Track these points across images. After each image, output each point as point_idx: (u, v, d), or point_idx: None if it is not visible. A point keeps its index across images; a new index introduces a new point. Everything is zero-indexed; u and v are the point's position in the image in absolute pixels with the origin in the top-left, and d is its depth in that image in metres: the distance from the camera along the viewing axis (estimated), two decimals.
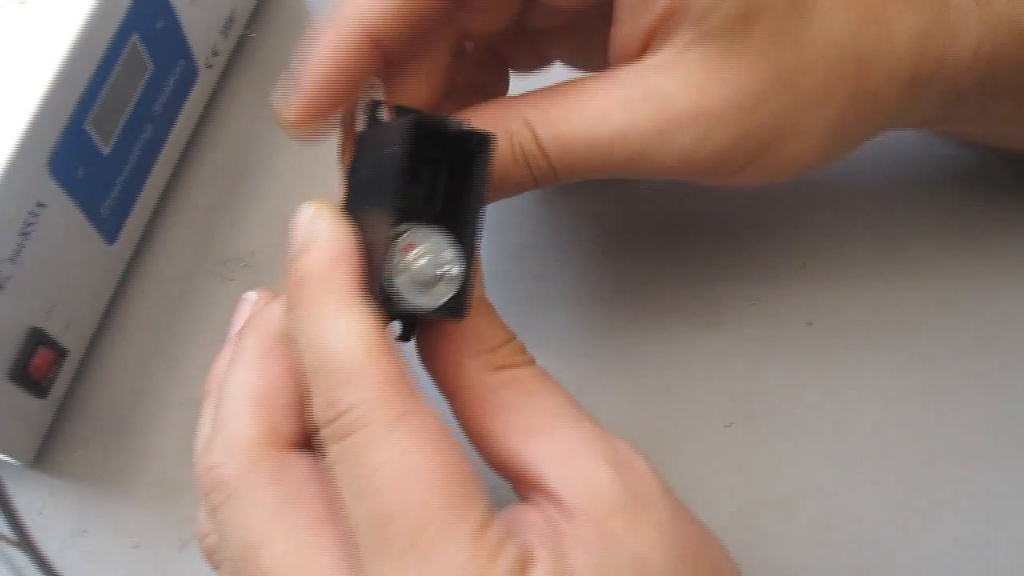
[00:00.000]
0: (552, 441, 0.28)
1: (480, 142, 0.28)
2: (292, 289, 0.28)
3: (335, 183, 0.44)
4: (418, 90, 0.35)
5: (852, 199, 0.43)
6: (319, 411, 0.27)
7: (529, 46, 0.38)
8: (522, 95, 0.34)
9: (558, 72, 0.38)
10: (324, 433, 0.27)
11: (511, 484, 0.29)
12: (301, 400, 0.29)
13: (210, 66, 0.44)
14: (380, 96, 0.31)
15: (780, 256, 0.42)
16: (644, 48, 0.33)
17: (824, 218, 0.42)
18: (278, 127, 0.32)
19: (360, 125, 0.31)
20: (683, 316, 0.41)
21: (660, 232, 0.43)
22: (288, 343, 0.29)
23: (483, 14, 0.34)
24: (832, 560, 0.38)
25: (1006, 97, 0.36)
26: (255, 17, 0.47)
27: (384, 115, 0.31)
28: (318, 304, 0.27)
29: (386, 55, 0.32)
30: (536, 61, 0.39)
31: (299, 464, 0.28)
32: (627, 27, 0.33)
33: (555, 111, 0.33)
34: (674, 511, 0.28)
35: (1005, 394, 0.40)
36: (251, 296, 0.34)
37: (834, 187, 0.42)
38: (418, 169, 0.29)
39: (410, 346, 0.31)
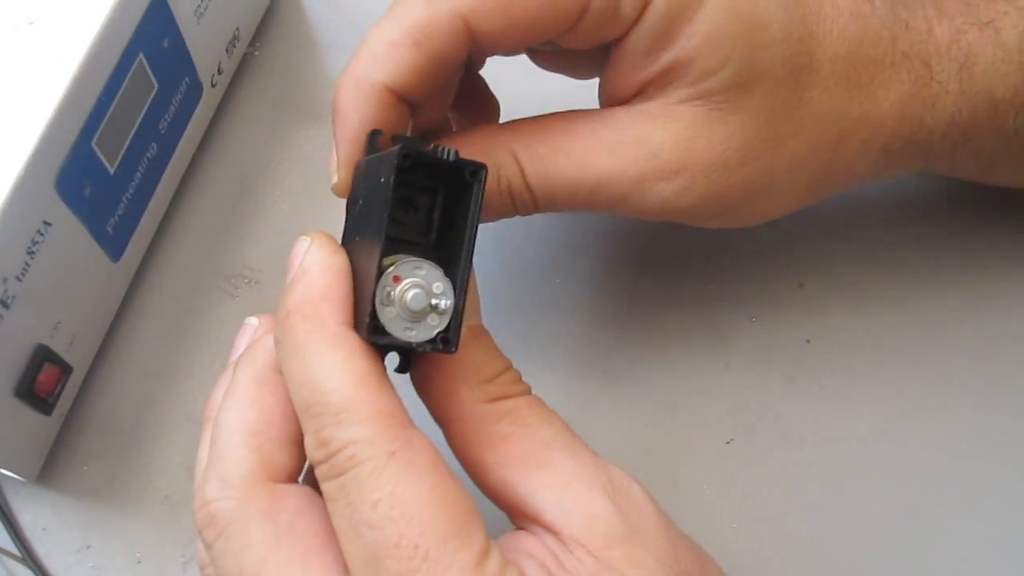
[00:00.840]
0: (549, 472, 0.28)
1: (473, 172, 0.28)
2: (279, 324, 0.28)
3: (339, 201, 0.44)
4: (430, 119, 0.35)
5: (850, 219, 0.43)
6: (312, 449, 0.27)
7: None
8: (511, 124, 0.34)
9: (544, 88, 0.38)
10: (319, 471, 0.27)
11: (507, 514, 0.29)
12: (296, 432, 0.29)
13: (214, 84, 0.44)
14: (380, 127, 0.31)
15: (779, 275, 0.42)
16: (636, 93, 0.34)
17: (822, 238, 0.43)
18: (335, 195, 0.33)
19: (344, 176, 0.31)
20: (683, 333, 0.42)
21: (660, 250, 0.43)
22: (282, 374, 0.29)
23: (495, 50, 0.34)
24: (831, 575, 0.38)
25: (977, 158, 0.37)
26: (259, 35, 0.47)
27: (382, 144, 0.31)
28: (304, 341, 0.27)
29: (409, 102, 0.32)
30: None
31: (294, 496, 0.28)
32: (624, 74, 0.34)
33: (543, 149, 0.33)
34: (671, 538, 0.28)
35: (1002, 410, 0.40)
36: (252, 322, 0.33)
37: (833, 207, 0.43)
38: (413, 198, 0.29)
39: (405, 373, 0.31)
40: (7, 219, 0.32)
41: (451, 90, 0.35)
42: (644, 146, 0.33)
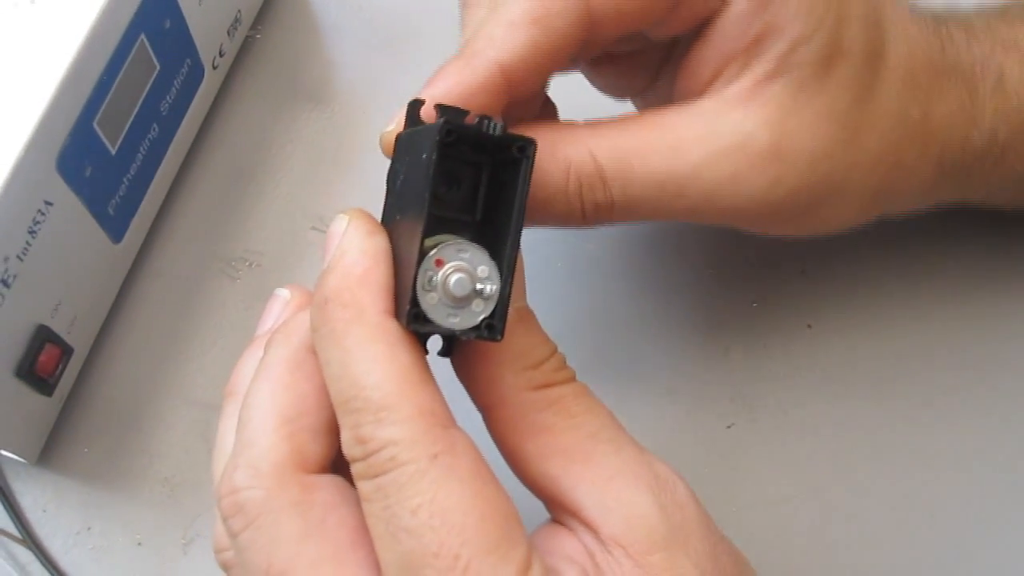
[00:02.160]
0: (592, 467, 0.27)
1: (521, 147, 0.26)
2: (317, 309, 0.27)
3: (340, 184, 0.44)
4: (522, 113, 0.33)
5: None
6: (348, 445, 0.25)
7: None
8: (581, 123, 0.32)
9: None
10: (355, 468, 0.25)
11: (545, 504, 0.28)
12: (331, 419, 0.27)
13: (216, 66, 0.44)
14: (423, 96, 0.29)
15: (781, 260, 0.42)
16: (714, 78, 0.32)
17: None
18: (383, 153, 0.30)
19: (401, 126, 0.29)
20: (685, 318, 0.42)
21: (662, 235, 0.43)
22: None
23: (609, 34, 0.32)
24: (831, 560, 0.38)
25: (1012, 179, 0.37)
26: (261, 18, 0.47)
27: (423, 115, 0.29)
28: (343, 331, 0.26)
29: (511, 93, 0.31)
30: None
31: (327, 489, 0.27)
32: (709, 53, 0.32)
33: (626, 143, 0.31)
34: (712, 543, 0.27)
35: (1005, 395, 0.40)
36: (283, 294, 0.32)
37: None
38: (456, 172, 0.27)
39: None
40: (8, 198, 0.32)
41: (545, 87, 0.34)
42: (737, 133, 0.31)
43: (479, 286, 0.26)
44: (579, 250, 0.43)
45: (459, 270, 0.26)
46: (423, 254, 0.25)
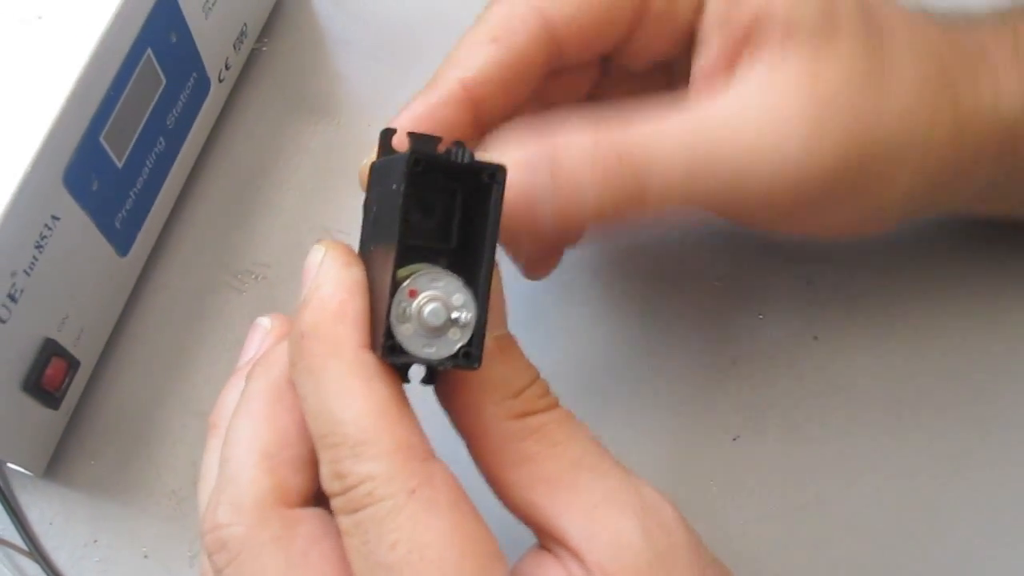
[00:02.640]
0: (576, 494, 0.27)
1: (491, 174, 0.26)
2: (295, 343, 0.27)
3: (347, 196, 0.44)
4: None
5: None
6: (327, 480, 0.26)
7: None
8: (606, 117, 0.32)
9: None
10: (334, 503, 0.26)
11: (532, 531, 0.28)
12: (313, 451, 0.27)
13: (222, 79, 0.44)
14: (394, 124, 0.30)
15: (787, 272, 0.42)
16: (727, 78, 0.32)
17: None
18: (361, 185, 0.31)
19: (375, 155, 0.29)
20: (691, 330, 0.42)
21: (667, 247, 0.43)
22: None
23: (572, 52, 0.33)
24: (838, 573, 0.38)
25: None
26: (266, 30, 0.47)
27: (395, 144, 0.29)
28: (320, 366, 0.26)
29: (477, 117, 0.31)
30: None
31: (309, 523, 0.27)
32: (713, 48, 0.32)
33: (648, 129, 0.31)
34: (701, 567, 0.27)
35: (1013, 408, 0.40)
36: (264, 323, 0.32)
37: None
38: (429, 200, 0.27)
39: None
40: (16, 213, 0.32)
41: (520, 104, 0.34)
42: (763, 106, 0.31)
43: (455, 315, 0.26)
44: (583, 263, 0.43)
45: (433, 299, 0.25)
46: (396, 285, 0.25)
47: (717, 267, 0.42)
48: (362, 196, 0.44)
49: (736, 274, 0.42)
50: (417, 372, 0.28)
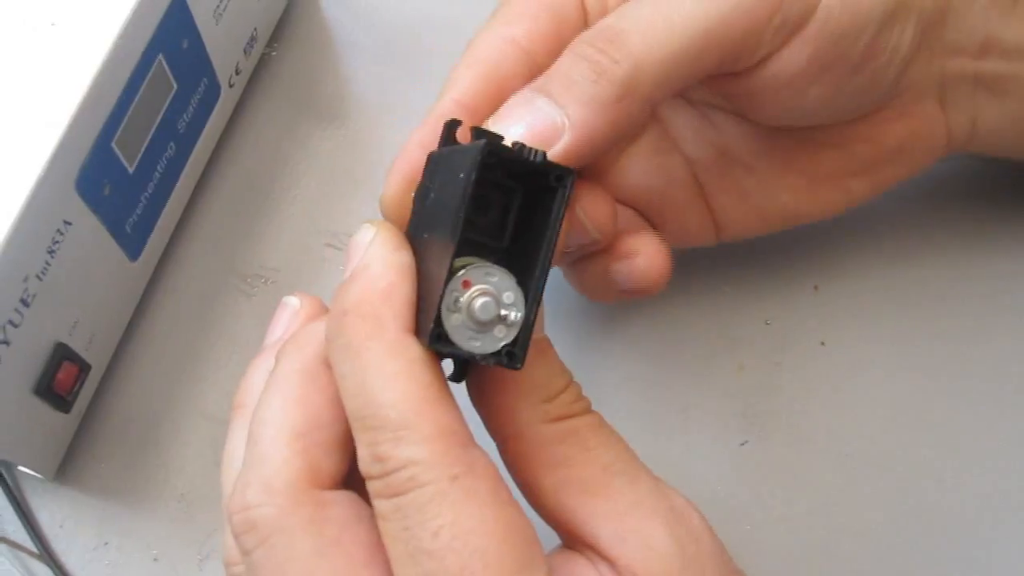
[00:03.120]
0: (608, 500, 0.27)
1: (559, 176, 0.26)
2: (335, 320, 0.26)
3: (356, 200, 0.45)
4: None
5: (864, 221, 0.43)
6: (365, 463, 0.25)
7: None
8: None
9: None
10: (372, 486, 0.25)
11: (560, 535, 0.28)
12: (345, 433, 0.27)
13: (232, 84, 0.44)
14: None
15: (794, 277, 0.42)
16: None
17: (837, 240, 0.43)
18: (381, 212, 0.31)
19: (435, 144, 0.29)
20: (698, 335, 0.42)
21: (676, 255, 0.43)
22: (331, 369, 0.27)
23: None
24: None
25: None
26: (276, 36, 0.47)
27: (459, 136, 0.29)
28: (363, 345, 0.25)
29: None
30: None
31: (341, 505, 0.26)
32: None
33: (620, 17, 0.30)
34: (724, 574, 0.28)
35: (1019, 414, 0.40)
36: (292, 302, 0.31)
37: (848, 210, 0.43)
38: (488, 196, 0.27)
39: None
40: (28, 218, 0.33)
41: None
42: None
43: (503, 312, 0.25)
44: None
45: (485, 294, 0.25)
46: (452, 274, 0.25)
47: (725, 274, 0.43)
48: (370, 201, 0.45)
49: (743, 281, 0.42)
50: (446, 367, 0.28)
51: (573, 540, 0.28)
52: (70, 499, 0.40)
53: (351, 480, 0.27)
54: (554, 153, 0.29)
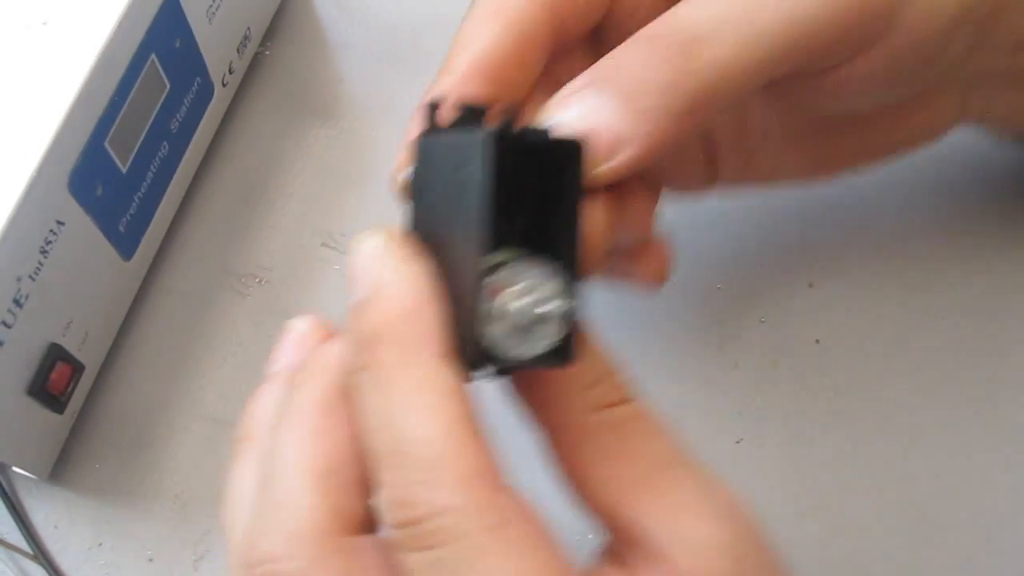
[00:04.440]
0: (660, 496, 0.25)
1: (569, 151, 0.23)
2: (356, 349, 0.24)
3: (351, 200, 0.44)
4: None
5: (860, 218, 0.43)
6: (389, 507, 0.23)
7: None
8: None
9: None
10: (398, 535, 0.23)
11: (605, 530, 0.26)
12: (366, 471, 0.24)
13: (225, 84, 0.44)
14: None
15: (788, 275, 0.42)
16: None
17: (832, 237, 0.43)
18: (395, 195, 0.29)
19: (417, 128, 0.26)
20: (692, 333, 0.42)
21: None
22: (352, 399, 0.25)
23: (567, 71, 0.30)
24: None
25: None
26: (270, 34, 0.47)
27: (444, 115, 0.25)
28: (390, 376, 0.23)
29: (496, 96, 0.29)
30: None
31: (370, 552, 0.24)
32: None
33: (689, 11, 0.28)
34: (775, 571, 0.26)
35: (1015, 411, 0.40)
36: (299, 327, 0.28)
37: (842, 207, 0.43)
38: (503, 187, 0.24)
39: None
40: (21, 219, 0.33)
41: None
42: None
43: (547, 307, 0.23)
44: None
45: (526, 291, 0.23)
46: (483, 277, 0.22)
47: (718, 271, 0.42)
48: (364, 199, 0.45)
49: (737, 278, 0.42)
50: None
51: (622, 537, 0.25)
52: (64, 500, 0.40)
53: (367, 524, 0.25)
54: (610, 166, 0.27)
